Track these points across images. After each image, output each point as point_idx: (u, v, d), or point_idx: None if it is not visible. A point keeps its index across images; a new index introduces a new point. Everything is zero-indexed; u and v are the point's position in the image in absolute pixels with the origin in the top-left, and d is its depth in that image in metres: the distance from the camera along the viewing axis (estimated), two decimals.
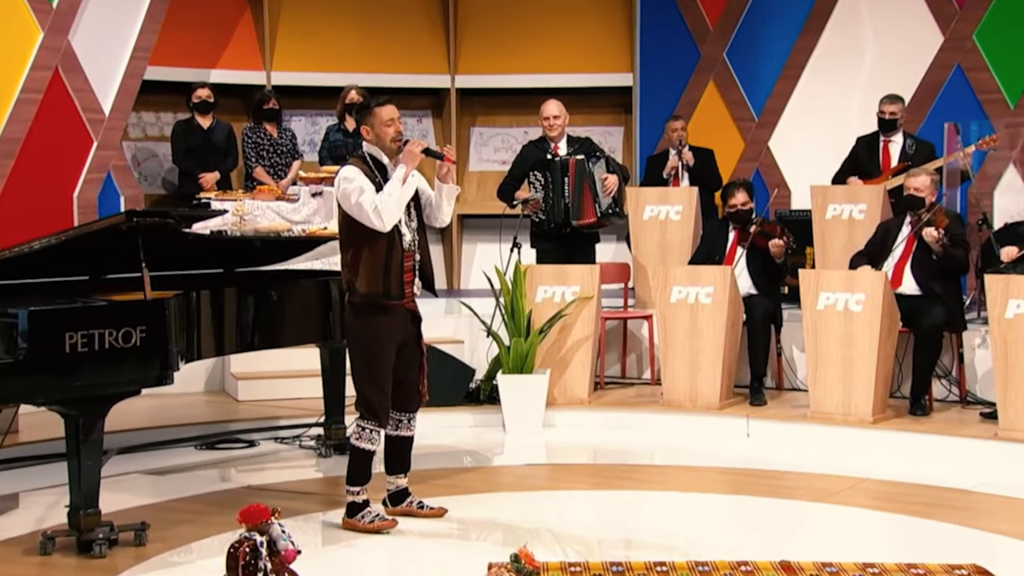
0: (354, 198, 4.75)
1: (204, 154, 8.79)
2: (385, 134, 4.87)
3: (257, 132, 8.91)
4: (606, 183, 7.59)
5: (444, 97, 10.34)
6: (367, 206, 4.73)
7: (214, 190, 8.50)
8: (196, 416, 7.04)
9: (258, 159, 8.86)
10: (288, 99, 9.40)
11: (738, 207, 7.44)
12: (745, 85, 9.68)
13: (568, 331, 7.29)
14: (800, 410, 6.89)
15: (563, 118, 7.79)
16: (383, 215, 4.74)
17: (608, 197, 7.59)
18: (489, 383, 7.22)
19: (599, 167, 7.65)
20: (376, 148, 4.92)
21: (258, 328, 5.45)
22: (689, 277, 7.09)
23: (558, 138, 7.79)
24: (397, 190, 4.78)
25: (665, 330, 7.12)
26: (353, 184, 4.78)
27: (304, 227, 7.74)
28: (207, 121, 8.87)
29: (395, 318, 4.90)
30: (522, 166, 7.84)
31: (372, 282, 4.81)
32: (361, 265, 4.82)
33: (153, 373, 4.64)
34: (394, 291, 4.84)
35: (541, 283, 7.38)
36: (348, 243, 4.88)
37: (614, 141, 10.34)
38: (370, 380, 4.86)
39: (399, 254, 4.86)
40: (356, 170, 4.84)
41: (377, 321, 4.85)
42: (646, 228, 8.34)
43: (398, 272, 4.85)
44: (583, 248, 7.78)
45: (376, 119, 4.88)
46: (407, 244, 4.91)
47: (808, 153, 9.24)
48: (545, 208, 7.65)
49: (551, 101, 7.87)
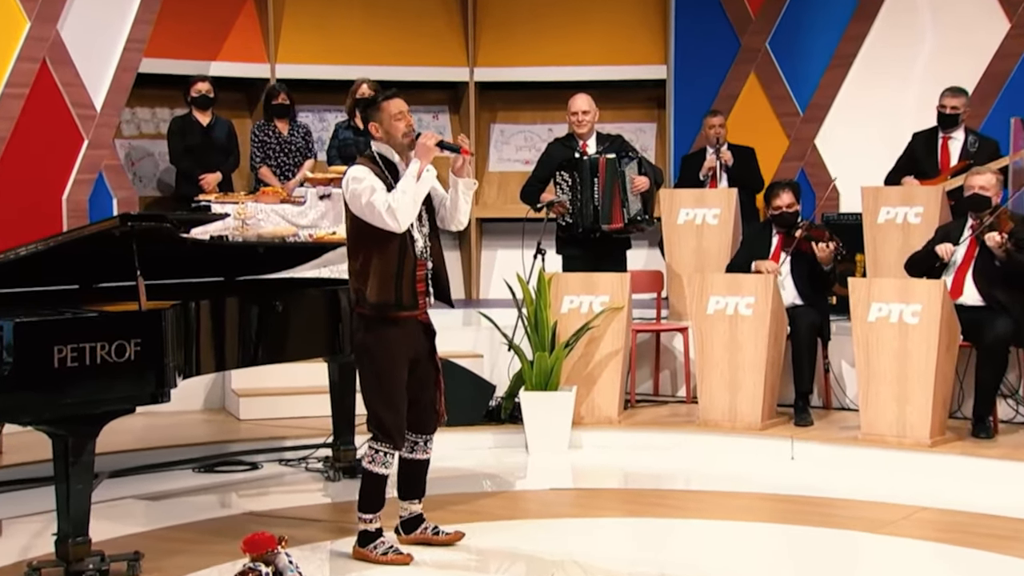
0: (365, 198, 4.75)
1: (203, 153, 8.80)
2: (395, 129, 4.88)
3: (265, 129, 8.96)
4: (635, 184, 7.62)
5: (462, 91, 10.29)
6: (379, 206, 4.73)
7: (215, 192, 8.52)
8: (194, 436, 7.02)
9: (264, 158, 8.92)
10: (294, 94, 9.32)
11: (783, 209, 7.42)
12: (789, 77, 9.63)
13: (596, 345, 7.28)
14: (850, 432, 6.85)
15: (593, 114, 7.82)
16: (397, 214, 4.73)
17: (636, 200, 7.62)
18: (511, 401, 7.22)
19: (631, 167, 7.66)
20: (386, 146, 4.92)
21: (262, 341, 5.46)
22: (728, 286, 7.08)
23: (587, 136, 7.81)
24: (412, 186, 4.77)
25: (702, 344, 7.11)
26: (363, 184, 4.78)
27: (311, 232, 7.73)
28: (206, 117, 8.88)
29: (407, 331, 4.91)
30: (548, 165, 7.86)
31: (383, 291, 4.82)
32: (371, 273, 4.83)
33: (148, 390, 4.65)
34: (406, 301, 4.85)
35: (567, 292, 7.37)
36: (357, 249, 4.88)
37: (646, 139, 10.31)
38: (383, 398, 4.86)
39: (411, 261, 4.86)
40: (365, 170, 4.84)
41: (387, 334, 4.85)
42: (681, 233, 8.33)
43: (410, 281, 4.86)
44: (613, 255, 7.78)
45: (384, 114, 4.89)
46: (419, 251, 4.91)
47: (859, 151, 9.19)
48: (572, 211, 7.66)
49: (580, 95, 7.89)
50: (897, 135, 8.51)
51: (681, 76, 10.01)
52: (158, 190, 9.44)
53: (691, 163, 9.05)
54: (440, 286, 5.04)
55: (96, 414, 4.59)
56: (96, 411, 4.58)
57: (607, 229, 7.61)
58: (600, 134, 7.89)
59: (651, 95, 10.26)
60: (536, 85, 10.23)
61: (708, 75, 9.86)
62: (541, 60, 10.17)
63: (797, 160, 9.62)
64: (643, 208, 7.64)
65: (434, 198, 5.03)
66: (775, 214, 7.47)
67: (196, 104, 8.85)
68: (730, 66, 9.81)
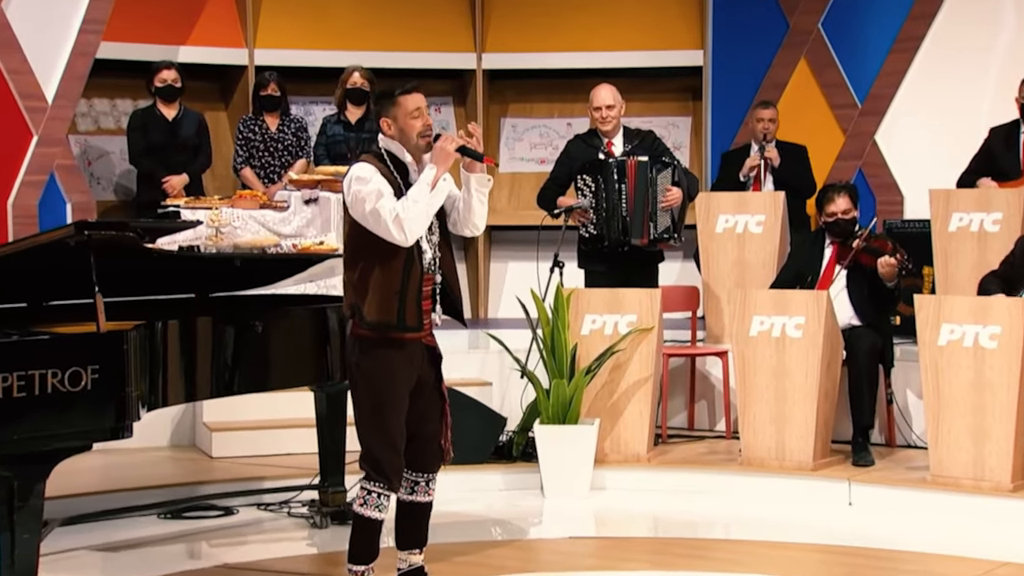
0: (370, 204, 4.76)
1: (168, 152, 8.80)
2: (411, 128, 4.89)
3: (252, 124, 8.99)
4: (667, 197, 7.60)
5: (468, 80, 10.27)
6: (386, 214, 4.73)
7: (182, 196, 8.51)
8: (160, 477, 7.01)
9: (248, 158, 8.95)
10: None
11: (837, 216, 7.42)
12: (846, 63, 9.56)
13: (622, 371, 7.29)
14: (918, 473, 6.85)
15: (618, 107, 7.80)
16: (406, 226, 4.74)
17: (666, 215, 7.61)
18: (524, 436, 7.25)
19: (664, 176, 7.64)
20: (397, 144, 4.94)
21: (239, 367, 5.46)
22: (774, 304, 7.09)
23: (612, 132, 7.81)
24: (425, 196, 4.79)
25: (744, 371, 7.12)
26: (368, 186, 4.78)
27: (295, 242, 7.70)
28: (172, 111, 8.87)
29: (409, 354, 4.91)
30: (567, 166, 7.88)
31: (384, 308, 4.83)
32: (370, 287, 4.84)
33: (107, 424, 4.64)
34: (410, 320, 4.86)
35: (589, 311, 7.38)
36: (355, 259, 4.90)
37: (679, 134, 10.27)
38: (378, 432, 4.86)
39: (417, 276, 4.88)
40: (372, 169, 4.85)
41: (387, 358, 4.86)
42: (720, 243, 8.32)
43: (415, 297, 4.88)
44: (641, 268, 7.78)
45: (400, 110, 4.90)
46: (427, 263, 4.94)
47: (927, 148, 9.16)
48: (596, 221, 7.69)
49: (603, 87, 7.85)
50: (972, 130, 8.49)
51: (720, 63, 9.96)
52: (119, 194, 9.46)
53: (732, 161, 9.02)
54: (450, 301, 5.06)
55: (46, 452, 4.55)
56: (46, 448, 4.55)
57: (635, 243, 7.63)
58: (628, 130, 7.91)
59: (685, 84, 10.21)
60: (553, 73, 10.18)
61: (751, 61, 9.80)
62: (559, 45, 10.11)
63: (854, 159, 9.52)
64: (672, 225, 7.64)
65: (446, 200, 5.01)
66: (828, 222, 7.47)
67: (160, 95, 8.84)
68: (777, 50, 9.76)
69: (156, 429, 7.72)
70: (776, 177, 8.82)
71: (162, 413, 5.80)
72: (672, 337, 8.24)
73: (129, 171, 9.26)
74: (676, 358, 8.07)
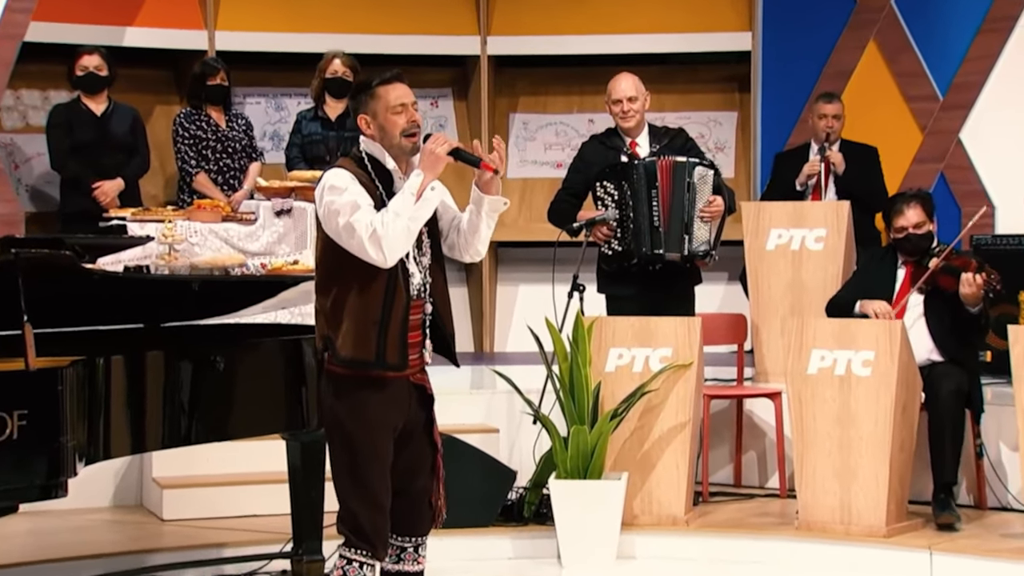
0: (344, 217, 4.75)
1: (98, 152, 8.78)
2: (393, 125, 4.89)
3: (197, 120, 8.95)
4: (710, 207, 7.54)
5: (471, 68, 10.36)
6: (362, 229, 4.72)
7: (115, 205, 8.54)
8: (101, 544, 6.92)
9: (200, 160, 8.90)
10: (240, 71, 9.33)
11: (908, 231, 7.40)
12: (923, 47, 9.62)
13: (655, 416, 7.27)
14: (1014, 542, 6.82)
15: (642, 100, 7.75)
16: (384, 244, 4.73)
17: (704, 228, 7.56)
18: (537, 493, 7.25)
19: (704, 179, 7.58)
20: (378, 146, 4.93)
21: (196, 411, 5.45)
22: (837, 335, 7.04)
23: (635, 130, 7.76)
24: (408, 208, 4.77)
25: (801, 415, 7.08)
26: (343, 197, 4.78)
27: (264, 261, 7.70)
28: (100, 104, 8.87)
29: (394, 396, 4.91)
30: (582, 173, 7.84)
31: (360, 342, 4.82)
32: (345, 316, 4.83)
33: (37, 480, 4.62)
34: (391, 357, 4.85)
35: (615, 343, 7.37)
36: (329, 282, 4.89)
37: (723, 133, 10.33)
38: (358, 489, 4.86)
39: (403, 303, 4.86)
40: (347, 176, 4.85)
41: (367, 400, 4.86)
42: (771, 262, 8.29)
43: (399, 329, 4.86)
44: (676, 292, 7.71)
45: (380, 104, 4.90)
46: (415, 288, 4.93)
47: (1022, 148, 9.22)
48: (621, 234, 7.65)
49: (623, 77, 7.80)
50: None
51: (772, 46, 10.00)
52: (51, 204, 9.41)
53: (786, 166, 9.03)
54: (441, 336, 5.05)
55: None
56: None
57: (669, 258, 7.55)
58: (654, 128, 7.87)
59: (730, 73, 10.30)
60: (572, 60, 10.23)
61: (810, 45, 9.83)
62: (579, 26, 10.18)
63: (934, 162, 9.57)
64: (710, 240, 7.60)
65: (441, 217, 5.04)
66: (898, 238, 7.47)
67: (81, 86, 8.84)
68: (841, 32, 9.81)
69: (96, 486, 7.64)
70: (840, 184, 8.80)
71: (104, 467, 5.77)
72: (714, 375, 8.23)
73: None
74: (719, 400, 8.06)
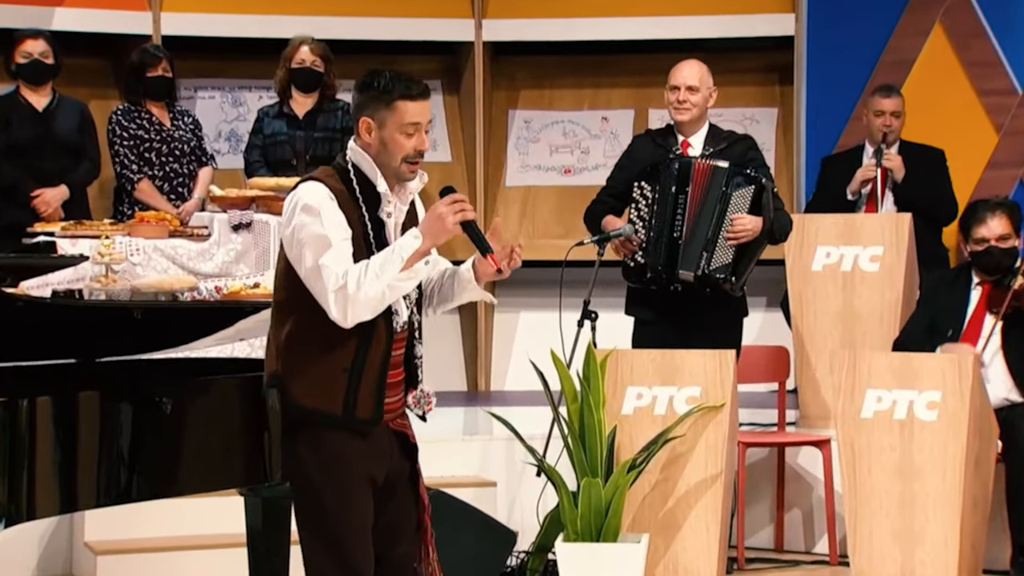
0: (311, 254, 4.70)
1: (40, 154, 8.85)
2: (399, 147, 4.82)
3: (137, 118, 9.00)
4: (734, 224, 7.52)
5: (463, 57, 10.45)
6: (330, 280, 4.66)
7: (58, 218, 8.52)
8: None
9: (142, 165, 8.95)
10: (188, 61, 9.57)
11: (990, 243, 7.42)
12: (999, 33, 9.73)
13: (681, 467, 7.28)
14: None
15: (705, 93, 7.75)
16: (351, 306, 4.66)
17: (727, 249, 7.56)
18: (542, 558, 7.28)
19: (742, 194, 7.55)
20: (369, 161, 4.85)
21: (138, 463, 5.32)
22: (897, 372, 7.09)
23: (691, 127, 7.80)
24: (392, 273, 4.68)
25: (855, 467, 7.13)
26: (314, 226, 4.71)
27: (219, 284, 7.82)
28: (42, 97, 8.97)
29: (371, 445, 4.88)
30: (627, 171, 7.89)
31: (324, 391, 4.80)
32: (306, 356, 4.81)
33: None
34: (363, 410, 4.82)
35: (633, 381, 7.38)
36: (288, 308, 4.84)
37: (762, 131, 10.33)
38: (333, 557, 4.83)
39: (382, 345, 4.82)
40: (324, 194, 4.77)
41: (338, 450, 4.83)
42: (819, 285, 8.36)
43: (376, 376, 4.82)
44: (706, 318, 7.67)
45: (394, 117, 4.81)
46: (398, 324, 4.88)
47: None
48: (646, 243, 7.62)
49: (689, 63, 7.79)
50: None
51: (820, 31, 10.06)
52: None
53: (837, 170, 9.10)
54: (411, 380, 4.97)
55: None
56: None
57: (683, 277, 7.58)
58: (715, 129, 7.88)
59: (770, 62, 10.47)
60: (582, 47, 10.32)
61: (864, 29, 9.94)
62: (589, 8, 10.24)
63: (1012, 167, 9.66)
64: (732, 265, 7.56)
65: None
66: (978, 251, 7.47)
67: (24, 75, 8.90)
68: (901, 14, 9.91)
69: (18, 551, 7.58)
70: (900, 193, 8.91)
71: (27, 529, 5.81)
72: (751, 419, 8.33)
73: None
74: (757, 449, 8.12)
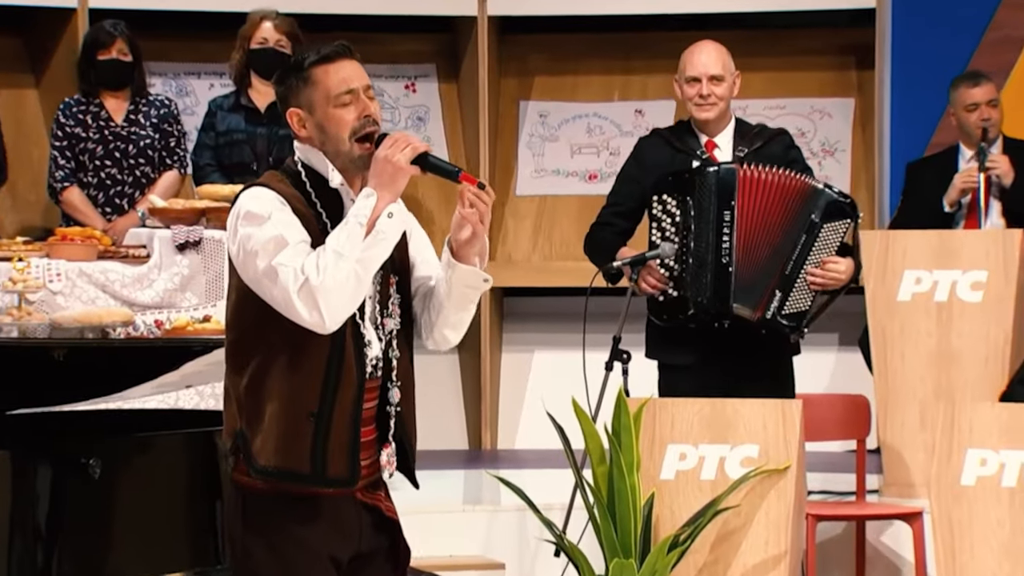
0: (263, 259, 4.69)
1: None
2: (337, 123, 4.87)
3: (81, 112, 9.16)
4: (828, 272, 7.53)
5: (464, 36, 10.55)
6: (288, 278, 4.66)
7: None
8: None
9: (75, 169, 9.04)
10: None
11: None
12: None
13: (735, 545, 7.29)
14: None
15: (730, 82, 7.73)
16: (322, 300, 4.67)
17: (807, 293, 7.57)
18: None
19: (834, 227, 7.52)
20: (318, 154, 4.89)
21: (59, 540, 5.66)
22: (1006, 428, 7.09)
23: (716, 125, 7.79)
24: (355, 245, 4.71)
25: (953, 545, 7.09)
26: (264, 229, 4.73)
27: (161, 317, 7.88)
28: None
29: (335, 520, 4.93)
30: (637, 183, 7.81)
31: (289, 446, 4.83)
32: (268, 404, 4.83)
33: None
34: (334, 468, 4.85)
35: (675, 438, 7.38)
36: (243, 352, 4.85)
37: (835, 128, 10.43)
38: None
39: (353, 385, 4.81)
40: (272, 198, 4.79)
41: (294, 531, 4.89)
42: (908, 318, 8.28)
43: (348, 426, 4.85)
44: (763, 358, 7.67)
45: (318, 92, 4.86)
46: (371, 362, 4.84)
47: None
48: (682, 272, 7.49)
49: (705, 45, 7.76)
50: None
51: (904, 11, 10.02)
52: None
53: (928, 177, 9.13)
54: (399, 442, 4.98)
55: None
56: None
57: (738, 313, 7.50)
58: (743, 124, 7.84)
59: (845, 43, 10.56)
60: (609, 23, 10.34)
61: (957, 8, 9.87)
62: None
63: None
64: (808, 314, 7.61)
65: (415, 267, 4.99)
66: None
67: None
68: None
69: None
70: (1009, 203, 8.89)
71: None
72: (823, 485, 8.34)
73: None
74: (831, 523, 8.07)
